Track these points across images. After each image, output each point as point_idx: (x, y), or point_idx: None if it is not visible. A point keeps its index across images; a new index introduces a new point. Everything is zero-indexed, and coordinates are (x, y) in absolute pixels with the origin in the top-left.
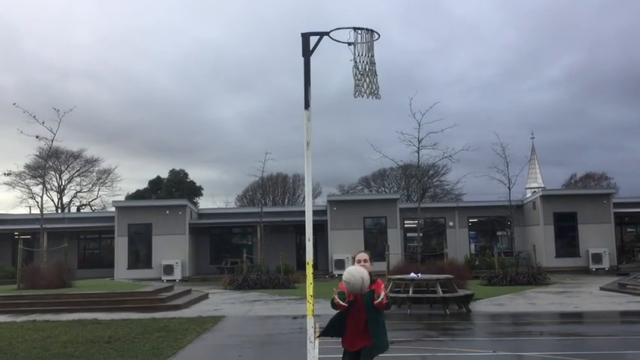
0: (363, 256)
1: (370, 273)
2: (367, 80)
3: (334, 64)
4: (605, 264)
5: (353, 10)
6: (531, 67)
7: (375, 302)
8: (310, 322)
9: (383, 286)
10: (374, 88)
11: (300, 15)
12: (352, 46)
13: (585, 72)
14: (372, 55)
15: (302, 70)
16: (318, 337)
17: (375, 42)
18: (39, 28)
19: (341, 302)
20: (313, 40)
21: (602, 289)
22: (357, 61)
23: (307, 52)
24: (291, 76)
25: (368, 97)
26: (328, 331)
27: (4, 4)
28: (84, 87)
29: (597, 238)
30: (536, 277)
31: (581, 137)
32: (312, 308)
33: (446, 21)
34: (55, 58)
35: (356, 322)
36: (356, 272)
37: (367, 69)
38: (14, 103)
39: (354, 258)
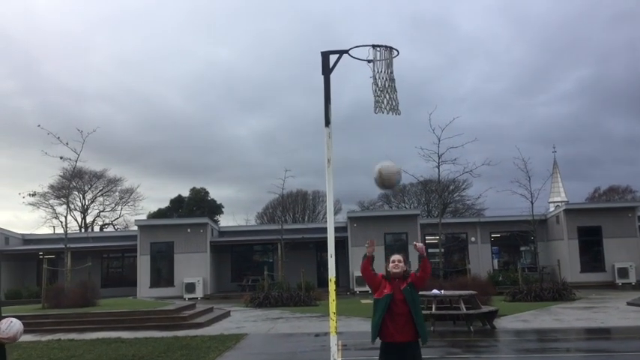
0: (397, 256)
1: (406, 271)
2: (387, 96)
3: (345, 82)
4: (632, 278)
5: (361, 29)
6: (542, 82)
7: (420, 269)
8: (333, 339)
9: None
10: (394, 104)
11: (310, 36)
12: (371, 64)
13: (596, 85)
14: (392, 72)
15: (312, 89)
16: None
17: (393, 59)
18: (56, 53)
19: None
20: (331, 58)
21: (629, 304)
22: (377, 77)
23: (327, 70)
24: (302, 95)
25: (388, 113)
26: (376, 336)
27: (22, 29)
28: (100, 109)
29: (623, 253)
30: (561, 293)
31: (596, 151)
32: (335, 325)
33: (454, 37)
34: (72, 82)
35: (395, 317)
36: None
37: (387, 85)
38: (39, 125)
39: (387, 260)
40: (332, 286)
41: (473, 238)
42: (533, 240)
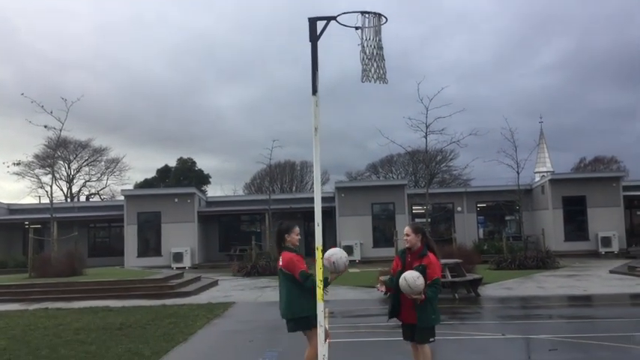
0: (406, 229)
1: (414, 246)
2: (375, 65)
3: (328, 53)
4: (615, 247)
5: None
6: (525, 53)
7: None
8: (320, 306)
9: (435, 268)
10: (381, 72)
11: (293, 6)
12: (359, 31)
13: (579, 57)
14: (380, 40)
15: (296, 59)
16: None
17: (382, 26)
18: (35, 20)
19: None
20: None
21: (611, 272)
22: (365, 45)
23: (314, 37)
24: (286, 65)
25: (376, 82)
26: (391, 313)
27: None
28: (81, 78)
29: (607, 222)
30: (544, 261)
31: (581, 122)
32: (321, 293)
33: (437, 9)
34: (52, 50)
35: (406, 297)
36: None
37: (375, 53)
38: (22, 93)
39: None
40: (319, 255)
41: (459, 208)
42: (518, 209)
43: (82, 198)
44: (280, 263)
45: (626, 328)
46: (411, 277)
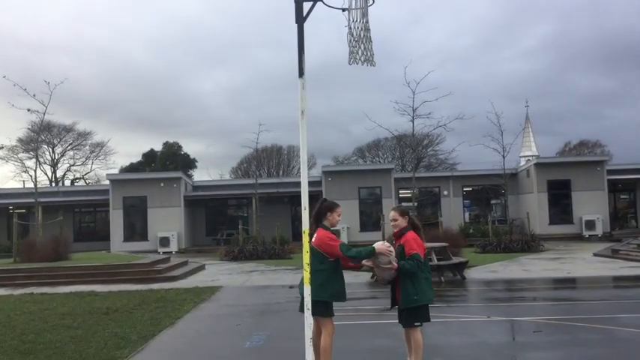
0: (391, 213)
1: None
2: (362, 47)
3: (308, 38)
4: (599, 230)
5: None
6: (506, 38)
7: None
8: (307, 289)
9: (411, 244)
10: (369, 54)
11: None
12: (346, 12)
13: (560, 42)
14: (367, 22)
15: (279, 43)
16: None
17: (369, 7)
18: (13, 3)
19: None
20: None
21: (595, 255)
22: (352, 27)
23: (300, 19)
24: (269, 49)
25: (363, 64)
26: (393, 301)
27: None
28: (61, 63)
29: (591, 205)
30: (529, 244)
31: (563, 106)
32: (308, 276)
33: None
34: (32, 34)
35: (397, 279)
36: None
37: (362, 35)
38: (4, 76)
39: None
40: (305, 238)
41: (445, 192)
42: (503, 193)
43: (67, 182)
44: (313, 240)
45: (609, 310)
46: (381, 243)
